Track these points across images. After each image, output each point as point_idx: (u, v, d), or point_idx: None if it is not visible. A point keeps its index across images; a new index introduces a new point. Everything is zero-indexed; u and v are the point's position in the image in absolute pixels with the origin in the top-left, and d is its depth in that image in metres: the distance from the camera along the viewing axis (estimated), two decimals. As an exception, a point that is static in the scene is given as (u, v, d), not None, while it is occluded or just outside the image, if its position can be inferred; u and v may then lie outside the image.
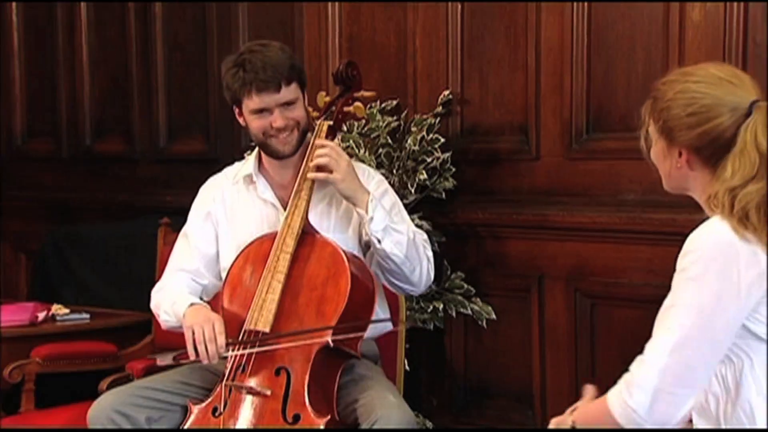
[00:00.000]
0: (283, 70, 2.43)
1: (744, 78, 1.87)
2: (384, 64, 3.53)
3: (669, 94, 1.86)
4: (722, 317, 1.75)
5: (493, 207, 3.31)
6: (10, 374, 3.31)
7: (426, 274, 2.50)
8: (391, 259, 2.44)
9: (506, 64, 3.30)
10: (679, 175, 1.89)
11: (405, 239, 2.44)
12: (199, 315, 2.37)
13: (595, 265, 3.10)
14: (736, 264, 1.74)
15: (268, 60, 2.43)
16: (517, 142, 3.31)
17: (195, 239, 2.58)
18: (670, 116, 1.85)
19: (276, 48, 2.48)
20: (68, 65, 4.50)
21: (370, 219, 2.41)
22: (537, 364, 3.24)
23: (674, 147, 1.86)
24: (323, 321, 2.35)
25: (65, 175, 4.56)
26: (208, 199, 2.62)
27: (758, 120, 1.81)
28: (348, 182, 2.43)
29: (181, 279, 2.54)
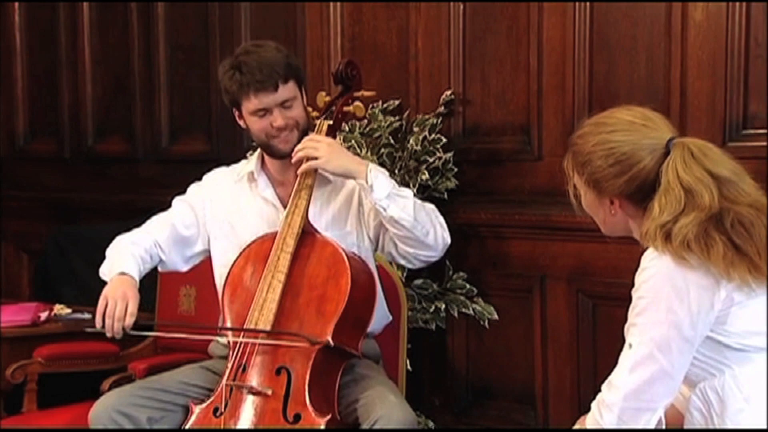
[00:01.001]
0: (279, 69, 2.44)
1: (656, 118, 1.94)
2: (386, 64, 3.53)
3: (587, 147, 1.92)
4: (676, 333, 1.82)
5: (494, 207, 3.32)
6: (12, 374, 3.31)
7: (441, 236, 2.50)
8: (401, 224, 2.42)
9: (508, 64, 3.30)
10: (615, 221, 1.96)
11: (411, 203, 2.43)
12: (119, 289, 2.39)
13: (596, 265, 3.11)
14: (684, 285, 1.82)
15: (263, 60, 2.43)
16: (519, 142, 3.31)
17: (175, 216, 2.61)
18: (593, 169, 1.91)
19: (271, 47, 2.49)
20: (70, 65, 4.51)
21: (371, 187, 2.41)
22: (539, 364, 3.25)
23: (604, 196, 1.93)
24: (324, 320, 2.35)
25: (67, 175, 4.57)
26: (206, 192, 2.62)
27: (677, 156, 1.87)
28: (336, 160, 2.43)
29: (144, 240, 2.56)
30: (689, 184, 1.84)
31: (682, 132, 2.93)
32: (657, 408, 1.85)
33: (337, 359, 2.40)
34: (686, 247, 1.82)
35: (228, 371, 2.39)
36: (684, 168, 1.85)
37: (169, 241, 2.57)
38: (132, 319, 2.35)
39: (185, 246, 2.60)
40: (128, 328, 2.36)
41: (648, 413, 1.84)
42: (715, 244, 1.81)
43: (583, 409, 2.07)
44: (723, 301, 1.83)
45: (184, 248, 2.60)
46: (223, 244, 2.59)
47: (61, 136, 4.60)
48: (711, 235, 1.82)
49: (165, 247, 2.58)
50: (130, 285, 2.41)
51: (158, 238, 2.57)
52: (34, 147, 4.71)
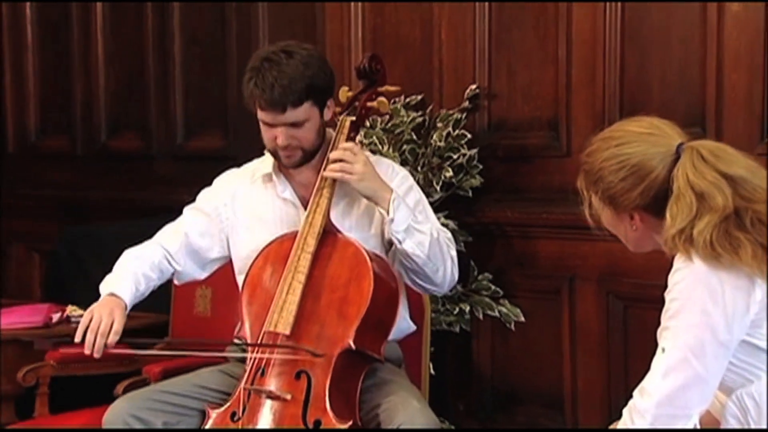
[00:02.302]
0: (295, 91, 2.39)
1: (664, 126, 1.95)
2: (408, 58, 3.53)
3: (597, 163, 1.94)
4: (711, 337, 1.82)
5: (521, 205, 3.31)
6: (24, 377, 3.33)
7: (450, 274, 2.51)
8: (413, 259, 2.44)
9: (536, 57, 3.29)
10: (639, 237, 1.97)
11: (428, 239, 2.44)
12: (107, 306, 2.40)
13: (628, 265, 3.09)
14: (719, 286, 1.82)
15: (281, 77, 2.38)
16: (546, 137, 3.30)
17: (188, 225, 2.60)
18: (606, 185, 1.93)
19: (297, 61, 2.41)
20: (83, 60, 4.53)
21: (391, 220, 2.42)
22: (567, 368, 3.24)
23: (622, 212, 1.94)
24: (345, 323, 2.35)
25: (80, 173, 4.59)
26: (220, 196, 2.62)
27: (686, 161, 1.88)
28: (366, 181, 2.43)
29: (154, 253, 2.56)
30: (700, 188, 1.85)
31: (718, 128, 2.93)
32: (691, 415, 1.84)
33: (359, 363, 2.40)
34: (713, 249, 1.82)
35: (246, 375, 2.39)
36: (694, 172, 1.86)
37: (182, 251, 2.57)
38: (116, 337, 2.35)
39: (201, 255, 2.60)
40: (110, 346, 2.36)
41: (682, 420, 1.84)
42: (742, 244, 1.82)
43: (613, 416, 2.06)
44: (759, 302, 1.83)
45: (199, 257, 2.60)
46: (242, 248, 2.59)
47: (73, 133, 4.62)
48: (734, 235, 1.83)
49: (179, 259, 2.57)
50: (118, 306, 2.42)
51: (170, 249, 2.57)
52: (46, 143, 4.74)
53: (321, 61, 2.48)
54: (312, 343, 2.36)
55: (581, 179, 2.00)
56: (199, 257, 2.60)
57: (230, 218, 2.60)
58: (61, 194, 4.58)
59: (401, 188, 2.53)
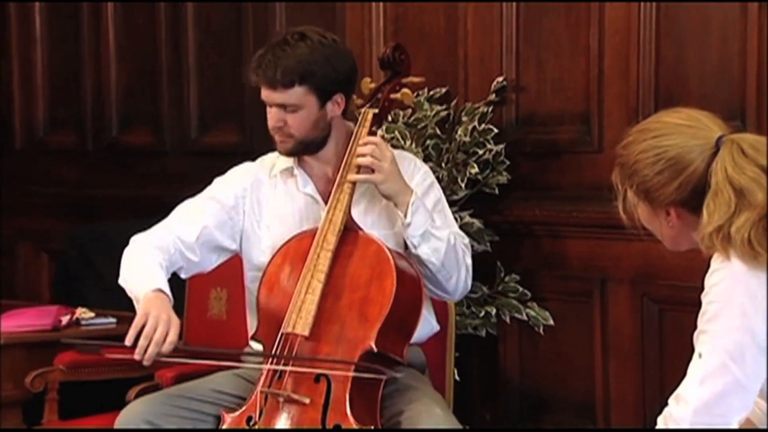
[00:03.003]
0: (287, 72, 2.41)
1: (704, 118, 1.93)
2: (432, 48, 3.53)
3: (633, 156, 1.94)
4: (751, 341, 1.81)
5: (550, 203, 3.31)
6: (32, 383, 3.35)
7: (463, 283, 2.52)
8: (426, 265, 2.46)
9: (566, 47, 3.29)
10: (675, 234, 1.96)
11: (444, 246, 2.45)
12: (163, 310, 2.35)
13: (663, 267, 3.07)
14: (759, 288, 1.81)
15: (282, 56, 2.42)
16: (577, 132, 3.30)
17: (206, 215, 2.57)
18: (641, 178, 1.92)
19: (307, 45, 2.43)
20: (94, 52, 4.56)
21: (407, 224, 2.42)
22: (600, 374, 3.23)
23: (658, 207, 1.93)
24: (367, 324, 2.36)
25: (90, 170, 4.62)
26: (239, 188, 2.62)
27: (725, 155, 1.86)
28: (390, 183, 2.45)
29: (168, 243, 2.53)
30: (740, 183, 1.84)
31: (758, 121, 2.91)
32: (730, 423, 1.84)
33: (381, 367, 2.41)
34: (751, 248, 1.81)
35: (263, 378, 2.40)
36: (734, 166, 1.85)
37: (199, 242, 2.56)
38: (171, 347, 2.32)
39: (217, 247, 2.60)
40: (162, 356, 2.33)
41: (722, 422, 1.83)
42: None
43: (647, 424, 2.07)
44: None
45: (216, 250, 2.60)
46: (259, 244, 2.60)
47: (83, 128, 4.64)
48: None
49: (195, 250, 2.56)
50: (171, 309, 2.38)
51: (187, 239, 2.55)
52: (55, 139, 4.77)
53: (336, 53, 2.48)
54: (332, 345, 2.37)
55: (616, 172, 1.99)
56: (215, 250, 2.60)
57: (247, 212, 2.61)
58: (71, 192, 4.61)
59: (422, 186, 2.54)
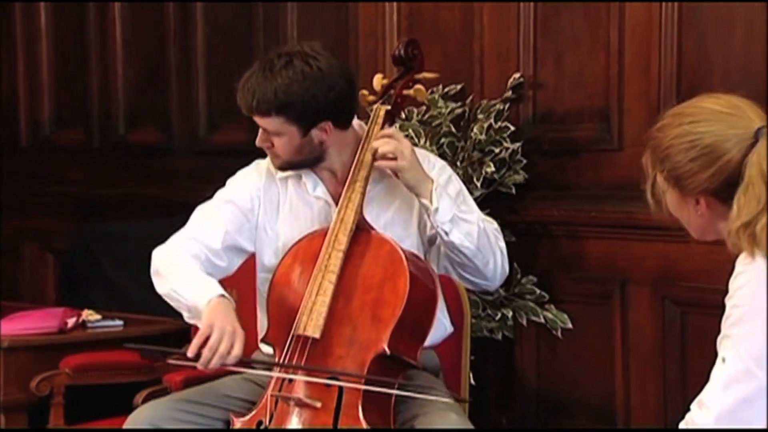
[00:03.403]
0: (262, 101, 2.43)
1: (744, 106, 1.90)
2: (447, 44, 3.53)
3: (666, 140, 1.90)
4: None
5: (569, 203, 3.31)
6: (38, 386, 3.36)
7: (501, 266, 2.52)
8: (461, 251, 2.45)
9: (585, 43, 3.29)
10: (703, 224, 1.93)
11: (475, 229, 2.45)
12: (227, 320, 2.35)
13: (685, 268, 3.08)
14: None
15: (261, 85, 2.42)
16: (596, 130, 3.29)
17: (226, 220, 2.57)
18: (674, 164, 1.89)
19: (290, 74, 2.41)
20: (100, 48, 4.57)
21: (435, 210, 2.42)
22: (619, 378, 3.23)
23: (688, 195, 1.90)
24: (379, 326, 2.36)
25: (96, 168, 4.63)
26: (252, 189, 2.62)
27: (762, 148, 1.83)
28: (413, 171, 2.44)
29: (196, 251, 2.52)
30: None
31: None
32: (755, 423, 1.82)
33: (394, 370, 2.40)
34: None
35: (273, 381, 2.40)
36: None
37: (224, 247, 2.56)
38: (235, 360, 2.33)
39: (239, 250, 2.60)
40: (226, 367, 2.34)
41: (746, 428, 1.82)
42: None
43: (670, 430, 2.06)
44: None
45: (238, 252, 2.60)
46: (271, 246, 2.60)
47: (89, 125, 4.65)
48: None
49: (223, 255, 2.56)
50: (236, 318, 2.37)
51: (213, 244, 2.55)
52: (60, 137, 4.78)
53: (320, 82, 2.43)
54: (343, 347, 2.37)
55: (647, 155, 1.96)
56: (236, 252, 2.60)
57: (261, 213, 2.61)
58: (76, 191, 4.62)
59: (441, 179, 2.54)
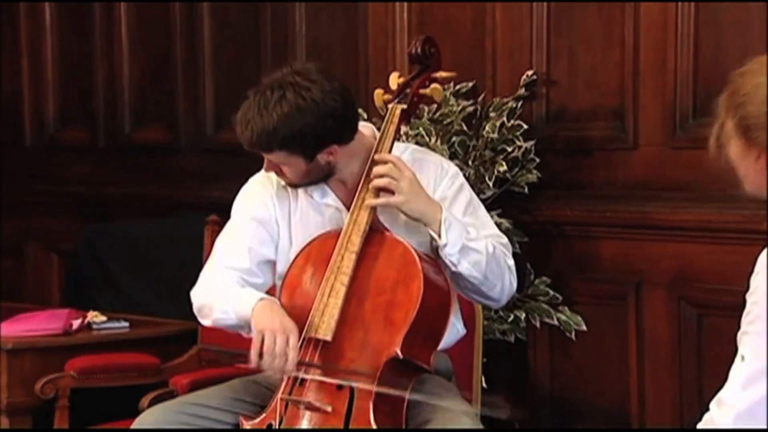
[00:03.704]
0: (262, 140, 2.44)
1: None
2: (458, 41, 3.53)
3: (746, 87, 1.86)
4: None
5: (582, 203, 3.30)
6: (42, 389, 3.36)
7: (508, 287, 2.52)
8: (468, 280, 2.46)
9: (599, 40, 3.28)
10: (759, 180, 1.89)
11: (484, 258, 2.44)
12: (275, 319, 2.37)
13: (702, 269, 3.08)
14: None
15: (258, 124, 2.43)
16: (611, 128, 3.29)
17: (246, 238, 2.58)
18: (747, 113, 1.84)
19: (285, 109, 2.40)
20: (106, 45, 4.57)
21: (444, 245, 2.42)
22: (635, 382, 3.22)
23: (752, 147, 1.87)
24: (392, 329, 2.36)
25: (102, 168, 4.63)
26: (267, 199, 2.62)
27: None
28: (413, 202, 2.43)
29: (230, 277, 2.53)
30: None
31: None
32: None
33: (406, 374, 2.40)
34: None
35: (283, 384, 2.40)
36: None
37: (254, 262, 2.56)
38: (295, 353, 2.33)
39: (269, 261, 2.60)
40: (292, 364, 2.34)
41: None
42: None
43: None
44: None
45: (269, 264, 2.60)
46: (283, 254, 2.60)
47: (94, 124, 4.65)
48: None
49: (257, 271, 2.57)
50: (282, 312, 2.39)
51: (242, 265, 2.55)
52: (65, 135, 4.78)
53: (317, 111, 2.42)
54: (355, 350, 2.37)
55: (723, 97, 1.89)
56: (267, 264, 2.60)
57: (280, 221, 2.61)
58: (82, 190, 4.62)
59: (450, 191, 2.53)
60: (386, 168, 2.44)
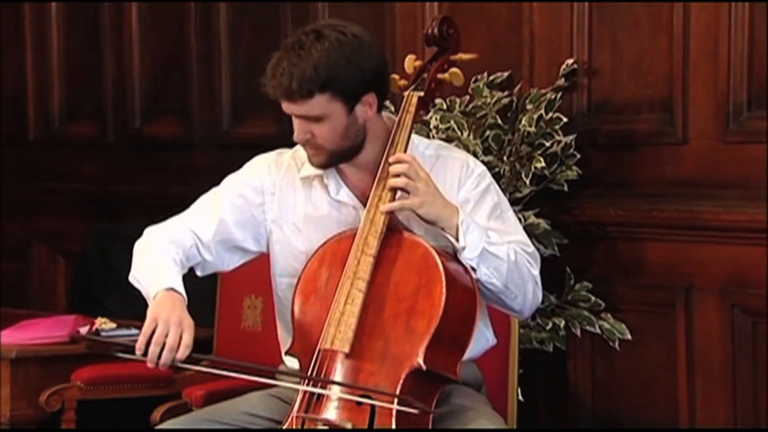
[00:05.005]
0: (304, 80, 2.40)
1: None
2: (493, 28, 3.53)
3: None
4: None
5: (627, 202, 3.30)
6: (48, 401, 3.40)
7: (531, 299, 2.51)
8: (487, 287, 2.45)
9: (646, 25, 3.28)
10: None
11: (505, 265, 2.44)
12: (174, 311, 2.37)
13: (757, 273, 3.06)
14: None
15: (297, 65, 2.40)
16: (658, 121, 3.29)
17: (226, 211, 2.59)
18: None
19: (324, 46, 2.40)
20: (115, 33, 4.61)
21: (462, 248, 2.41)
22: (684, 395, 3.22)
23: None
24: (414, 338, 2.35)
25: (111, 164, 4.67)
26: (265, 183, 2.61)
27: None
28: (429, 205, 2.41)
29: (185, 238, 2.55)
30: None
31: None
32: None
33: (431, 386, 2.39)
34: None
35: (299, 400, 2.40)
36: None
37: (216, 239, 2.57)
38: (187, 351, 2.35)
39: (236, 247, 2.61)
40: (179, 361, 2.35)
41: None
42: None
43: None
44: None
45: (234, 250, 2.61)
46: (288, 247, 2.61)
47: (103, 118, 4.69)
48: None
49: (211, 247, 2.58)
50: (184, 309, 2.41)
51: (203, 235, 2.57)
52: (72, 130, 4.82)
53: (359, 50, 2.43)
54: (375, 362, 2.36)
55: None
56: (231, 248, 2.61)
57: (275, 211, 2.61)
58: (90, 188, 4.66)
59: (476, 191, 2.52)
60: (403, 167, 2.42)
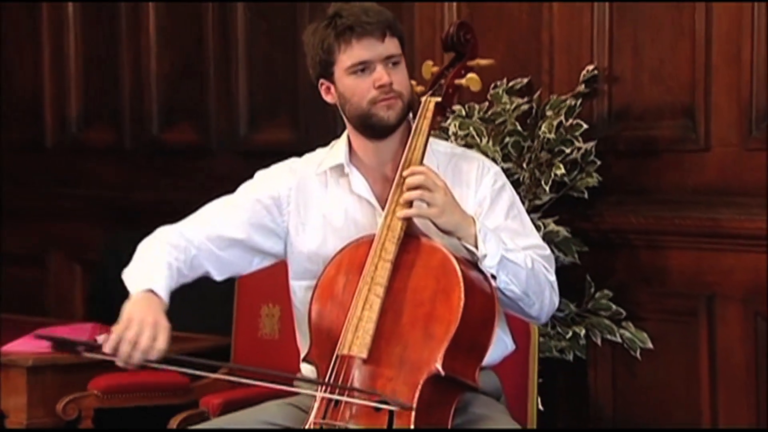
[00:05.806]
0: (386, 18, 2.51)
1: None
2: (512, 33, 3.55)
3: None
4: None
5: (648, 209, 3.32)
6: (65, 410, 3.42)
7: (548, 305, 2.52)
8: (505, 294, 2.47)
9: (667, 31, 3.29)
10: None
11: (523, 272, 2.46)
12: (149, 312, 2.40)
13: (780, 282, 3.08)
14: None
15: (368, 7, 2.51)
16: (680, 128, 3.30)
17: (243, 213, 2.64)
18: None
19: (375, 3, 2.54)
20: (132, 39, 4.63)
21: (483, 256, 2.43)
22: (706, 404, 3.23)
23: None
24: (432, 344, 2.36)
25: (128, 170, 4.68)
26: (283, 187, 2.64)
27: None
28: (447, 215, 2.43)
29: (193, 243, 2.60)
30: None
31: None
32: None
33: (450, 393, 2.41)
34: None
35: (317, 406, 2.42)
36: None
37: (233, 238, 2.61)
38: (159, 354, 2.37)
39: (253, 249, 2.65)
40: (149, 361, 2.39)
41: None
42: None
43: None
44: None
45: (252, 251, 2.65)
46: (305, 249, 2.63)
47: (120, 124, 4.71)
48: None
49: (227, 248, 2.62)
50: (161, 312, 2.43)
51: (217, 236, 2.61)
52: (89, 136, 4.83)
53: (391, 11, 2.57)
54: (393, 368, 2.37)
55: None
56: (249, 251, 2.64)
57: (293, 213, 2.65)
58: (107, 195, 4.67)
59: (494, 187, 2.55)
60: (419, 179, 2.44)
